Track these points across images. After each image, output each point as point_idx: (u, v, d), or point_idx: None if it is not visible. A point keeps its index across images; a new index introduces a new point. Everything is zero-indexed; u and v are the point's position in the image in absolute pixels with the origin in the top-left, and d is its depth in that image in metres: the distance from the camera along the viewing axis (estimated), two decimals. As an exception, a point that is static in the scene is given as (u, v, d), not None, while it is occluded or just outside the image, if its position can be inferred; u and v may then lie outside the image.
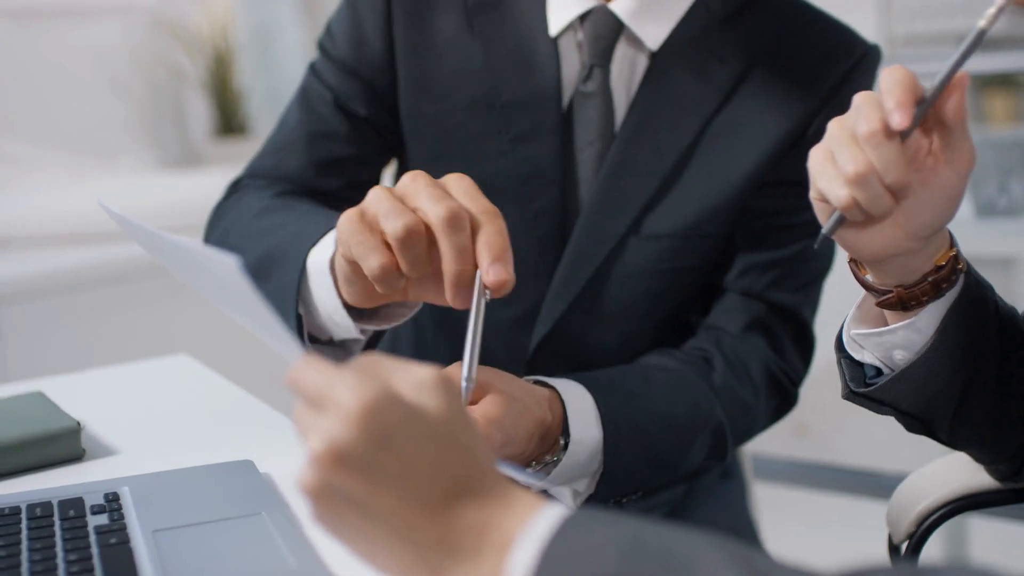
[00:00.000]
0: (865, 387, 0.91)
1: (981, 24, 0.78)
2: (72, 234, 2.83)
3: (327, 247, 0.95)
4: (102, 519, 0.83)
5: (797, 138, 1.14)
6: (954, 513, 1.06)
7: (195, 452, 1.02)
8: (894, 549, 1.10)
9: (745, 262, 1.17)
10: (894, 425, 0.95)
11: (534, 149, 1.16)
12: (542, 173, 1.16)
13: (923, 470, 1.10)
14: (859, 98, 0.80)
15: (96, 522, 0.83)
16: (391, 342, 1.31)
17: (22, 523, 0.83)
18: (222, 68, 3.98)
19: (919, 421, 0.92)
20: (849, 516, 2.51)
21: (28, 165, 3.41)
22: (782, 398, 1.20)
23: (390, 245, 0.83)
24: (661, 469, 1.08)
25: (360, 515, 0.59)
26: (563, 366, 1.13)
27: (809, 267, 1.19)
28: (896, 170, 0.78)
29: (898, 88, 0.77)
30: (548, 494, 1.07)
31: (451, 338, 1.23)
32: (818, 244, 0.86)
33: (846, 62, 1.15)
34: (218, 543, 0.79)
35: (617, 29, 1.15)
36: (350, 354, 1.01)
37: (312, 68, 1.25)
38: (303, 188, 1.21)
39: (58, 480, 0.97)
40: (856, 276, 0.90)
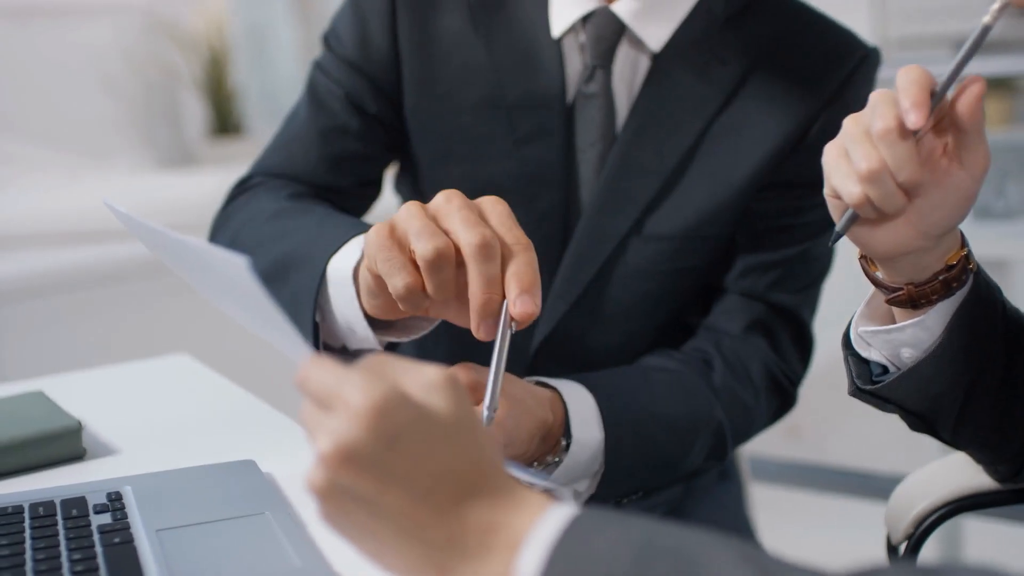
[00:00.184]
0: (872, 385, 0.92)
1: (986, 20, 0.79)
2: (67, 233, 2.82)
3: (349, 256, 0.94)
4: (105, 518, 0.83)
5: (798, 140, 1.14)
6: (953, 514, 1.06)
7: (196, 452, 1.02)
8: (892, 550, 1.10)
9: (746, 263, 1.18)
10: (887, 426, 0.95)
11: (538, 150, 1.16)
12: (546, 174, 1.16)
13: (922, 471, 1.11)
14: (875, 96, 0.80)
15: (99, 521, 0.83)
16: None
17: (25, 522, 0.83)
18: (217, 68, 3.98)
19: (923, 420, 0.92)
20: (843, 517, 2.52)
21: (22, 164, 3.40)
22: (782, 399, 1.21)
23: (417, 264, 0.82)
24: (661, 469, 1.09)
25: (368, 514, 0.59)
26: (564, 366, 1.13)
27: (809, 268, 1.20)
28: (909, 168, 0.78)
29: (914, 87, 0.77)
30: (550, 494, 1.07)
31: (451, 335, 1.23)
32: (832, 241, 0.87)
33: (847, 65, 1.15)
34: (222, 543, 0.79)
35: (619, 31, 1.15)
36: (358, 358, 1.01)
37: (318, 65, 1.24)
38: (313, 185, 1.20)
39: (59, 479, 0.97)
40: (866, 273, 0.90)
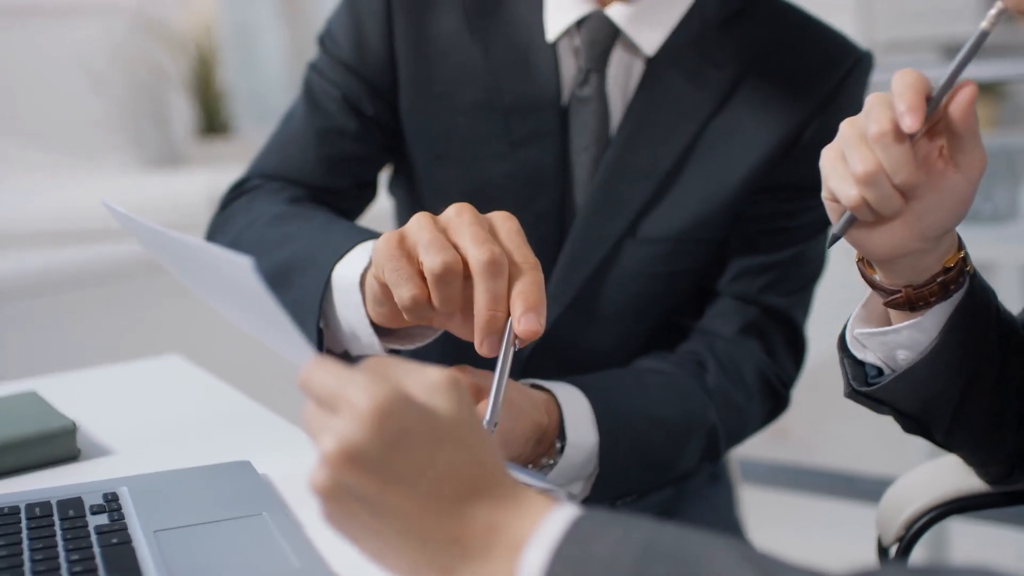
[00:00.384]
0: (867, 386, 0.93)
1: (983, 26, 0.80)
2: (55, 233, 2.81)
3: (354, 263, 0.94)
4: (102, 519, 0.83)
5: (792, 144, 1.15)
6: (944, 516, 1.07)
7: (190, 453, 1.02)
8: (883, 551, 1.11)
9: (739, 266, 1.18)
10: (872, 428, 0.96)
11: (533, 153, 1.16)
12: (541, 176, 1.16)
13: (913, 473, 1.11)
14: (871, 99, 0.81)
15: (96, 522, 0.83)
16: None
17: (22, 523, 0.83)
18: (205, 68, 3.97)
19: (917, 422, 0.93)
20: (831, 518, 2.53)
21: (9, 163, 3.39)
22: (775, 401, 1.21)
23: (425, 276, 0.83)
24: (655, 471, 1.09)
25: (372, 515, 0.59)
26: (558, 368, 1.13)
27: (803, 271, 1.20)
28: (905, 170, 0.79)
29: (909, 91, 0.78)
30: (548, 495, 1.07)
31: (449, 341, 1.23)
32: (829, 244, 0.87)
33: (840, 69, 1.16)
34: (221, 543, 0.79)
35: (613, 35, 1.16)
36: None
37: (314, 67, 1.24)
38: (310, 186, 1.20)
39: (54, 480, 0.97)
40: (864, 276, 0.91)
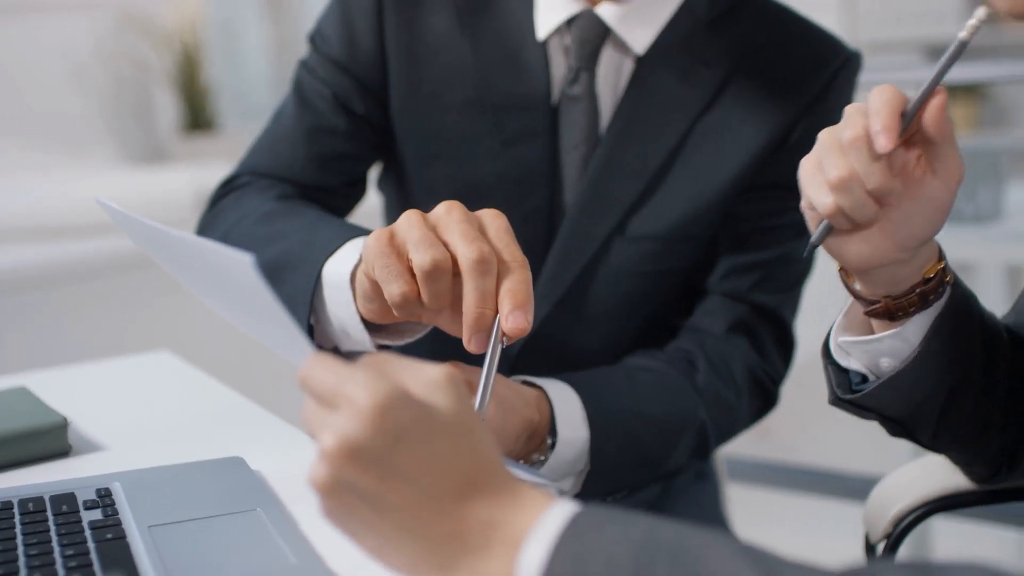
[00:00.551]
0: (851, 393, 0.93)
1: (962, 36, 0.79)
2: (38, 228, 2.80)
3: (345, 259, 0.95)
4: (95, 514, 0.83)
5: (780, 142, 1.16)
6: (931, 514, 1.07)
7: (182, 448, 1.02)
8: (871, 549, 1.11)
9: (728, 264, 1.19)
10: (858, 428, 0.96)
11: (524, 151, 1.17)
12: (531, 175, 1.17)
13: (900, 471, 1.12)
14: (848, 108, 0.81)
15: (90, 517, 0.82)
16: None
17: (15, 518, 0.83)
18: (189, 64, 3.96)
19: (902, 426, 0.93)
20: (817, 516, 2.54)
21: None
22: (764, 399, 1.22)
23: (414, 273, 0.84)
24: (645, 468, 1.10)
25: (371, 510, 0.59)
26: (548, 366, 1.13)
27: (791, 270, 1.21)
28: (878, 176, 0.79)
29: (885, 109, 0.78)
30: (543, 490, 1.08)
31: (435, 329, 1.23)
32: (806, 253, 0.87)
33: (829, 68, 1.17)
34: (216, 539, 0.79)
35: (603, 33, 1.16)
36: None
37: (304, 65, 1.24)
38: (300, 184, 1.20)
39: (45, 476, 0.97)
40: (845, 285, 0.91)
